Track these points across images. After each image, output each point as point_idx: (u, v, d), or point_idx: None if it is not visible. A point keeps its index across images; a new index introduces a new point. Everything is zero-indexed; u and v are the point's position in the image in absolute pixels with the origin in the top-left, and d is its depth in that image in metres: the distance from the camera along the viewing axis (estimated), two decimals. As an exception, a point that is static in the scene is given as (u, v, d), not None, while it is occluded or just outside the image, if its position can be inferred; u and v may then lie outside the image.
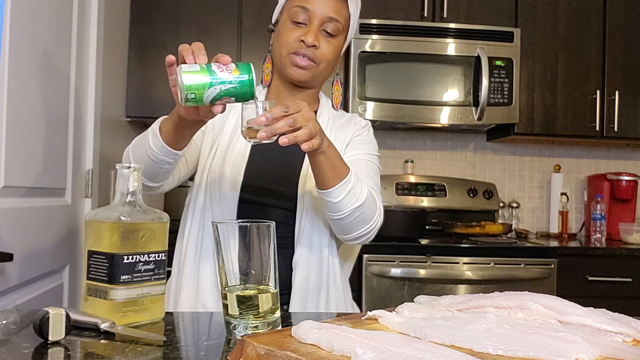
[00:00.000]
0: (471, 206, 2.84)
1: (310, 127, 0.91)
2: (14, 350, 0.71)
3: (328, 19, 1.18)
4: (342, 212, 1.06)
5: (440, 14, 2.59)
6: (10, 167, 1.24)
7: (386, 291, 2.19)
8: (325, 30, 1.19)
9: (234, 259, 0.81)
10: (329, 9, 1.18)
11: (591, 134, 2.66)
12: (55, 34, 1.51)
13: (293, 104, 0.92)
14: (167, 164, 1.03)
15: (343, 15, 1.21)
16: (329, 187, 1.03)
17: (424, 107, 2.51)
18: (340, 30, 1.21)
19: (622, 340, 0.67)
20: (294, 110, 0.91)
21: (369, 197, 1.10)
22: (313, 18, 1.17)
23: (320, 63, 1.19)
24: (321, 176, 1.03)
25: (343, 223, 1.09)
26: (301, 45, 1.17)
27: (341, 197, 1.04)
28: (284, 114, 0.90)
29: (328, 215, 1.10)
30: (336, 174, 1.03)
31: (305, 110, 0.92)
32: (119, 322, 0.81)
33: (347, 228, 1.10)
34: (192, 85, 0.84)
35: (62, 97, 1.59)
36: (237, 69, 0.87)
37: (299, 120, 0.90)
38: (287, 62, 1.19)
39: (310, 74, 1.20)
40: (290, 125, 0.89)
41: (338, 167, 1.03)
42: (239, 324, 0.79)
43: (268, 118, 0.89)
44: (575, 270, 2.30)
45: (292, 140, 0.90)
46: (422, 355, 0.56)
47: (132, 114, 2.47)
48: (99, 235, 0.85)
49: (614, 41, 2.67)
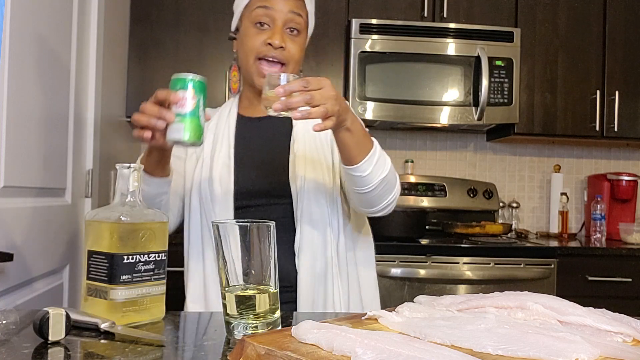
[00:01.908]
0: (471, 206, 2.84)
1: (327, 106, 0.89)
2: (14, 350, 0.71)
3: (291, 14, 1.17)
4: (369, 185, 1.05)
5: (440, 14, 2.59)
6: (10, 167, 1.24)
7: (386, 291, 2.19)
8: (289, 29, 1.18)
9: (234, 259, 0.81)
10: (291, 5, 1.18)
11: (591, 134, 2.66)
12: (56, 34, 1.51)
13: (315, 79, 0.90)
14: (164, 193, 1.12)
15: (304, 11, 1.21)
16: (356, 162, 1.02)
17: (424, 107, 2.51)
18: (303, 26, 1.21)
19: (622, 340, 0.67)
20: (314, 87, 0.90)
21: (391, 165, 1.09)
22: (276, 18, 1.17)
23: (288, 64, 1.19)
24: (347, 152, 1.01)
25: (370, 196, 1.08)
26: (269, 49, 1.16)
27: (368, 170, 1.03)
28: (302, 88, 0.88)
29: (354, 190, 1.08)
30: (362, 148, 1.02)
31: (326, 89, 0.90)
32: (119, 322, 0.81)
33: (374, 200, 1.09)
34: (194, 134, 0.93)
35: (62, 97, 1.59)
36: (187, 90, 0.92)
37: (317, 98, 0.89)
38: (254, 71, 1.18)
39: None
40: (307, 102, 0.88)
41: (363, 141, 1.02)
42: (239, 324, 0.79)
43: (286, 90, 0.88)
44: (575, 270, 2.30)
45: (305, 116, 0.88)
46: (422, 355, 0.56)
47: (132, 114, 2.45)
48: (99, 235, 0.85)
49: (614, 41, 2.67)
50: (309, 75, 2.72)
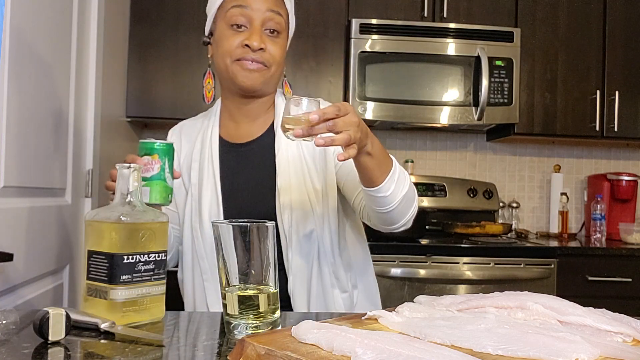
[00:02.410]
0: (471, 206, 2.84)
1: (350, 133, 0.86)
2: (14, 350, 0.71)
3: (270, 13, 1.10)
4: (392, 203, 1.02)
5: (440, 14, 2.59)
6: (10, 167, 1.24)
7: (386, 291, 2.19)
8: (269, 30, 1.11)
9: (234, 259, 0.81)
10: (269, 3, 1.10)
11: (591, 134, 2.66)
12: (55, 34, 1.51)
13: (342, 105, 0.87)
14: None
15: (283, 9, 1.14)
16: (378, 183, 0.99)
17: (424, 107, 2.51)
18: (284, 26, 1.14)
19: (622, 340, 0.67)
20: (339, 114, 0.86)
21: (410, 179, 1.07)
22: (253, 18, 1.10)
23: (271, 66, 1.12)
24: (368, 175, 0.98)
25: (393, 214, 1.05)
26: (246, 51, 1.09)
27: (391, 189, 1.00)
28: (334, 115, 0.85)
29: (376, 210, 1.05)
30: (383, 169, 0.99)
31: (349, 116, 0.87)
32: (119, 322, 0.81)
33: (396, 217, 1.06)
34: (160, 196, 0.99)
35: (62, 97, 1.59)
36: (152, 156, 0.99)
37: (339, 125, 0.85)
38: (235, 70, 1.11)
39: (263, 79, 1.12)
40: (329, 129, 0.85)
41: (384, 162, 0.99)
42: (239, 324, 0.79)
43: (320, 116, 0.85)
44: (575, 270, 2.30)
45: (329, 143, 0.85)
46: (422, 355, 0.56)
47: (132, 114, 2.47)
48: (99, 235, 0.85)
49: (614, 41, 2.67)
50: (310, 76, 2.73)
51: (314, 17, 2.55)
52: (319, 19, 2.56)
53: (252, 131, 1.21)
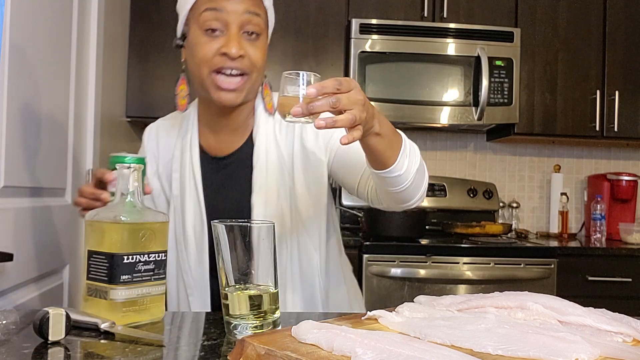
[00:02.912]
0: (471, 206, 2.84)
1: (355, 112, 0.76)
2: (14, 350, 0.71)
3: (247, 15, 1.00)
4: (407, 180, 0.94)
5: (440, 14, 2.59)
6: (10, 167, 1.24)
7: (386, 291, 2.19)
8: (247, 33, 1.01)
9: (234, 259, 0.81)
10: (246, 3, 1.00)
11: (591, 134, 2.66)
12: (55, 34, 1.51)
13: (345, 80, 0.78)
14: None
15: (261, 9, 1.04)
16: (391, 164, 0.91)
17: (424, 107, 2.51)
18: (263, 27, 1.04)
19: (622, 340, 0.67)
20: (344, 89, 0.77)
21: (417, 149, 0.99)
22: (229, 22, 0.99)
23: (252, 73, 1.03)
24: (379, 157, 0.90)
25: (409, 190, 0.97)
26: (224, 60, 0.99)
27: (405, 166, 0.92)
28: (335, 90, 0.76)
29: (390, 190, 0.96)
30: (394, 148, 0.90)
31: (354, 92, 0.77)
32: (119, 322, 0.81)
33: (412, 193, 0.98)
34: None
35: (62, 97, 1.59)
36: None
37: (344, 101, 0.76)
38: (210, 85, 1.02)
39: (244, 94, 1.04)
40: (332, 106, 0.75)
41: (394, 140, 0.90)
42: (239, 324, 0.79)
43: (318, 91, 0.75)
44: (575, 270, 2.30)
45: (330, 125, 0.76)
46: (422, 355, 0.56)
47: (132, 114, 2.47)
48: (99, 235, 0.85)
49: (614, 41, 2.67)
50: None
51: (314, 17, 2.55)
52: (319, 19, 2.56)
53: (232, 143, 1.15)
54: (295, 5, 2.54)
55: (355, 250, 2.21)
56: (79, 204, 1.01)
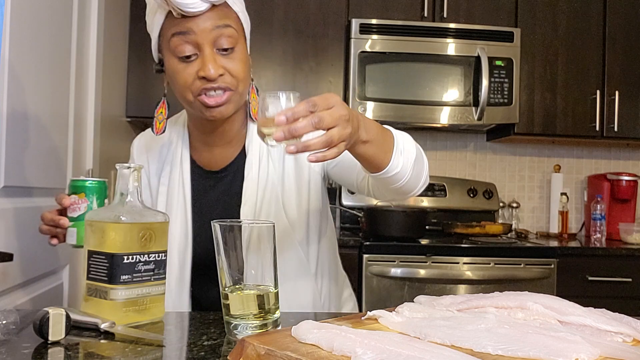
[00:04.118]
0: (471, 206, 2.84)
1: (334, 132, 0.73)
2: (14, 350, 0.71)
3: (217, 30, 0.96)
4: (406, 175, 0.93)
5: (440, 14, 2.59)
6: (10, 167, 1.24)
7: (386, 291, 2.19)
8: (220, 49, 0.97)
9: (234, 259, 0.81)
10: (214, 18, 0.95)
11: (591, 134, 2.66)
12: (55, 34, 1.51)
13: (322, 98, 0.74)
14: None
15: (231, 17, 0.99)
16: (385, 166, 0.89)
17: (424, 107, 2.51)
18: (237, 36, 0.99)
19: (622, 340, 0.67)
20: (322, 107, 0.73)
21: (411, 138, 0.97)
22: (200, 43, 0.95)
23: (237, 87, 1.00)
24: (371, 162, 0.88)
25: (410, 183, 0.95)
26: (204, 82, 0.97)
27: (400, 163, 0.91)
28: (307, 112, 0.72)
29: (391, 187, 0.95)
30: (386, 150, 0.88)
31: (336, 109, 0.74)
32: (119, 322, 0.81)
33: (413, 184, 0.97)
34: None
35: (62, 97, 1.59)
36: (79, 194, 0.97)
37: (327, 120, 0.72)
38: (199, 107, 1.00)
39: (232, 107, 1.02)
40: (315, 126, 0.72)
41: (385, 142, 0.88)
42: (239, 324, 0.79)
43: (289, 116, 0.72)
44: (575, 270, 2.30)
45: (302, 150, 0.73)
46: (422, 355, 0.56)
47: (132, 114, 2.47)
48: (99, 235, 0.85)
49: (614, 41, 2.67)
50: (310, 76, 2.71)
51: (314, 17, 2.55)
52: (319, 19, 2.56)
53: (227, 155, 1.13)
54: (295, 5, 2.54)
55: (355, 250, 2.21)
56: (42, 232, 1.02)
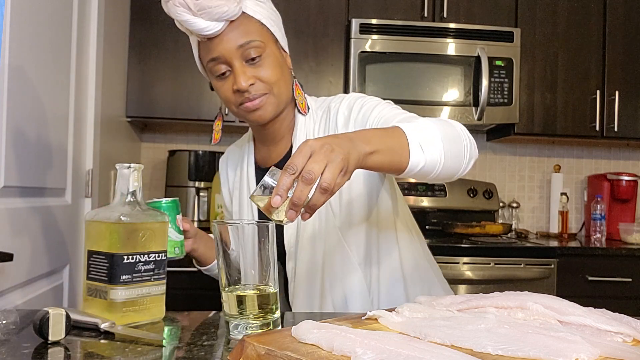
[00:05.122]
0: (471, 206, 2.84)
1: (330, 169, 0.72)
2: (14, 350, 0.71)
3: (241, 49, 1.03)
4: (437, 165, 0.88)
5: (440, 14, 2.59)
6: (10, 167, 1.24)
7: (386, 291, 2.18)
8: (249, 60, 1.04)
9: (234, 259, 0.81)
10: (236, 37, 1.02)
11: (591, 134, 2.66)
12: (55, 34, 1.51)
13: (295, 155, 0.72)
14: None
15: (253, 28, 1.04)
16: (404, 167, 0.85)
17: (424, 107, 2.51)
18: (264, 45, 1.05)
19: (622, 340, 0.67)
20: (301, 162, 0.72)
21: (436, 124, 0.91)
22: (230, 60, 1.03)
23: (271, 90, 1.06)
24: (388, 169, 0.85)
25: (447, 168, 0.90)
26: (240, 95, 1.05)
27: (422, 158, 0.86)
28: (292, 178, 0.71)
29: (429, 178, 0.91)
30: (399, 150, 0.84)
31: (315, 156, 0.72)
32: (119, 322, 0.81)
33: (453, 168, 0.92)
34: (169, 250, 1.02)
35: (62, 97, 1.59)
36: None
37: (315, 170, 0.71)
38: (243, 114, 1.09)
39: (271, 108, 1.08)
40: (307, 183, 0.70)
41: (395, 143, 0.84)
42: (239, 324, 0.79)
43: (281, 195, 0.71)
44: (575, 270, 2.30)
45: (296, 216, 0.73)
46: (422, 355, 0.56)
47: (132, 114, 2.47)
48: (99, 235, 0.85)
49: (614, 41, 2.67)
50: (310, 75, 2.71)
51: (314, 17, 2.55)
52: (319, 19, 2.56)
53: (279, 151, 1.19)
54: (295, 5, 2.54)
55: (355, 250, 2.20)
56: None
